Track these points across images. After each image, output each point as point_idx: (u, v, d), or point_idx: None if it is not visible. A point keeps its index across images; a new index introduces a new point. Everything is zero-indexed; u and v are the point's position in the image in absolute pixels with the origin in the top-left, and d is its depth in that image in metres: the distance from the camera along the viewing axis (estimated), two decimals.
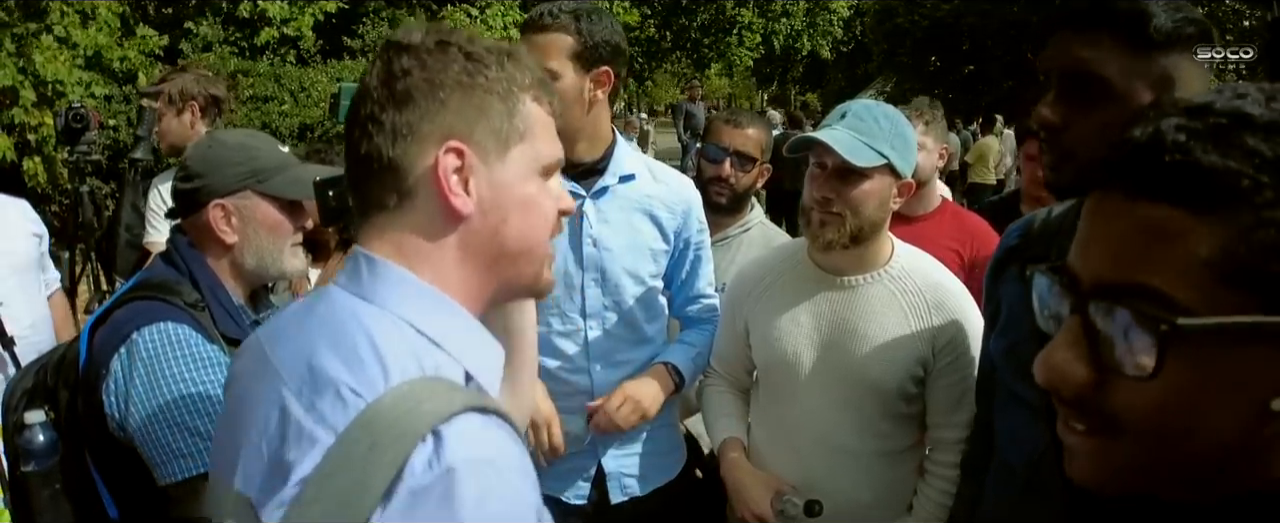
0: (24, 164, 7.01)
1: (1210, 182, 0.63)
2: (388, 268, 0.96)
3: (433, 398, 0.85)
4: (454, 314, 0.98)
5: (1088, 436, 0.71)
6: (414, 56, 0.96)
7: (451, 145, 0.95)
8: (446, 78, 0.96)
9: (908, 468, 1.97)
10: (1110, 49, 1.29)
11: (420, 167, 0.95)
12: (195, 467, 1.48)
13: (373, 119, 0.96)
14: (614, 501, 2.11)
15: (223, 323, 1.66)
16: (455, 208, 0.96)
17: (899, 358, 1.86)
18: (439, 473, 0.81)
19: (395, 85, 0.96)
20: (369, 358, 0.89)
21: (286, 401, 0.89)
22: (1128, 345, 0.66)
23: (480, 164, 0.97)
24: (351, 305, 0.95)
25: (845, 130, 1.79)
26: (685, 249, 2.15)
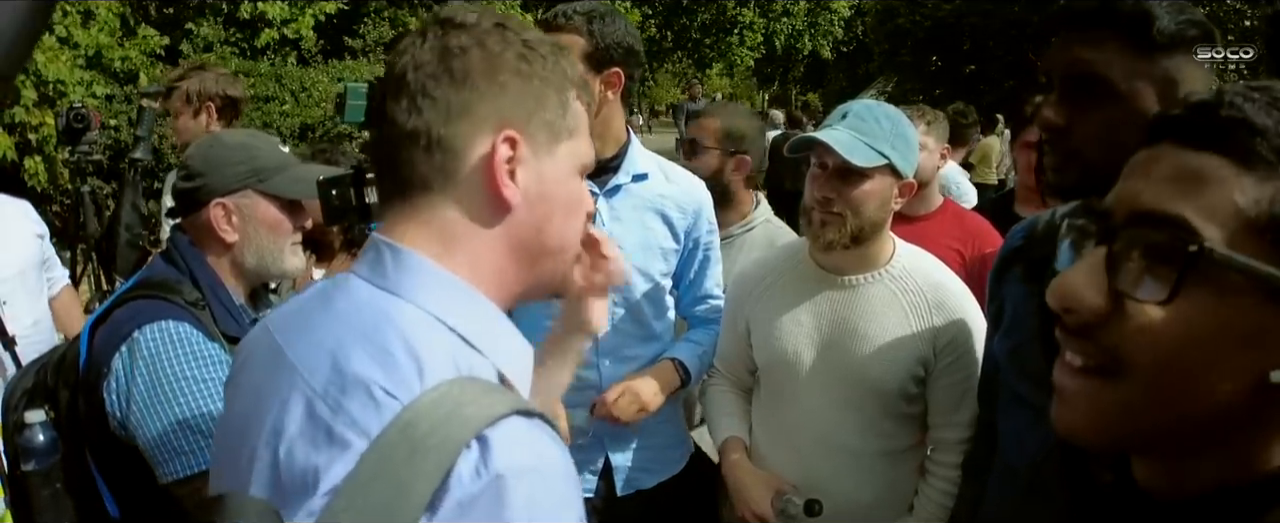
0: (25, 164, 7.01)
1: (1260, 138, 0.66)
2: (414, 258, 0.91)
3: (474, 401, 0.81)
4: (486, 310, 0.93)
5: (1085, 375, 0.72)
6: (471, 35, 0.92)
7: (508, 134, 0.91)
8: (504, 62, 0.92)
9: (909, 468, 1.97)
10: (1113, 50, 1.29)
11: (472, 150, 0.91)
12: (197, 464, 1.49)
13: (424, 92, 0.90)
14: (621, 494, 2.12)
15: (223, 322, 1.66)
16: (505, 198, 0.91)
17: (900, 358, 1.86)
18: (488, 481, 0.77)
19: (452, 61, 0.91)
20: (402, 356, 0.83)
21: (311, 401, 0.83)
22: (1149, 272, 0.67)
23: (531, 156, 0.93)
24: (377, 299, 0.89)
25: (846, 130, 1.79)
26: (695, 249, 2.17)
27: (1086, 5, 1.33)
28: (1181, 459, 0.72)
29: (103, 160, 3.95)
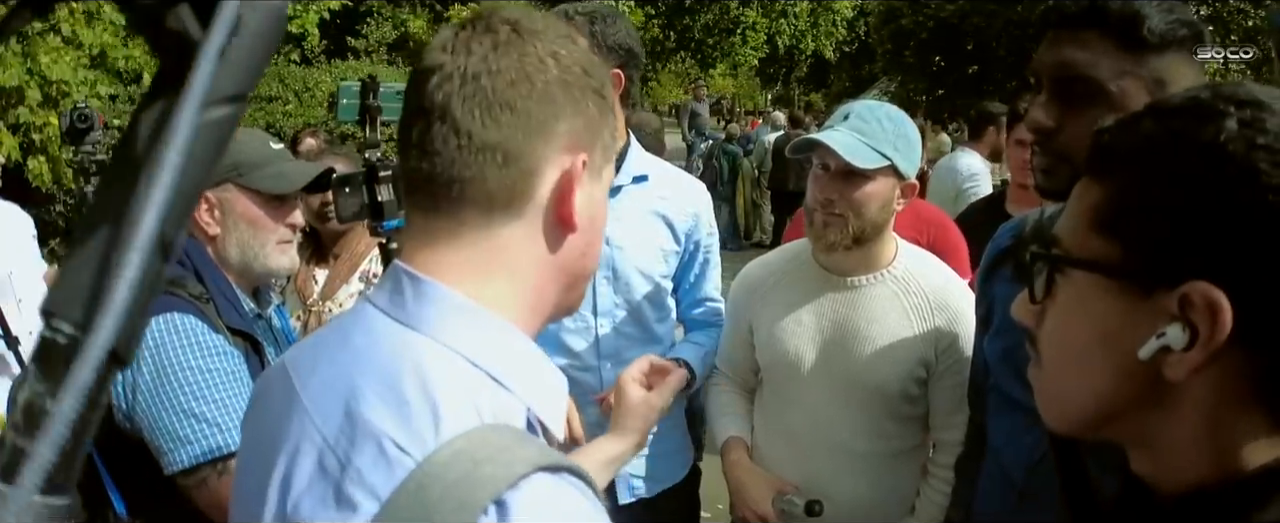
0: (28, 164, 7.02)
1: (1105, 153, 0.76)
2: (435, 289, 0.82)
3: (493, 458, 0.72)
4: (516, 342, 0.85)
5: (1033, 368, 0.83)
6: (546, 44, 0.85)
7: (582, 156, 0.85)
8: (577, 78, 0.86)
9: (910, 469, 1.97)
10: (1102, 51, 1.29)
11: (548, 171, 0.84)
12: (202, 453, 1.49)
13: (505, 103, 0.81)
14: (622, 501, 2.11)
15: (227, 315, 1.67)
16: (573, 222, 0.85)
17: (902, 359, 1.86)
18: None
19: (534, 73, 0.83)
20: (417, 404, 0.75)
21: (321, 452, 0.76)
22: (1038, 281, 0.79)
23: (589, 179, 0.87)
24: (395, 335, 0.81)
25: (848, 132, 1.80)
26: (695, 251, 2.17)
27: (1075, 5, 1.33)
28: (1138, 445, 0.77)
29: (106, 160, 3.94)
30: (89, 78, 7.36)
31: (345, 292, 2.61)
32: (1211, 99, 0.72)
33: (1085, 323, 0.75)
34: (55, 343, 0.44)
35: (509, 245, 0.84)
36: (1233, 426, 0.70)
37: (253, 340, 1.68)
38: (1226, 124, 0.69)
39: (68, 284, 0.44)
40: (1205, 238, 0.68)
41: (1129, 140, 0.74)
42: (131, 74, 7.95)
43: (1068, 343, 0.77)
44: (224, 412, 1.51)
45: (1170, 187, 0.70)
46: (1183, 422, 0.71)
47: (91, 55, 7.54)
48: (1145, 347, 0.70)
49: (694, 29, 27.02)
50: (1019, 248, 1.56)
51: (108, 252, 0.44)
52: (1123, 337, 0.71)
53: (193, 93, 0.43)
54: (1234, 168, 0.67)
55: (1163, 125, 0.73)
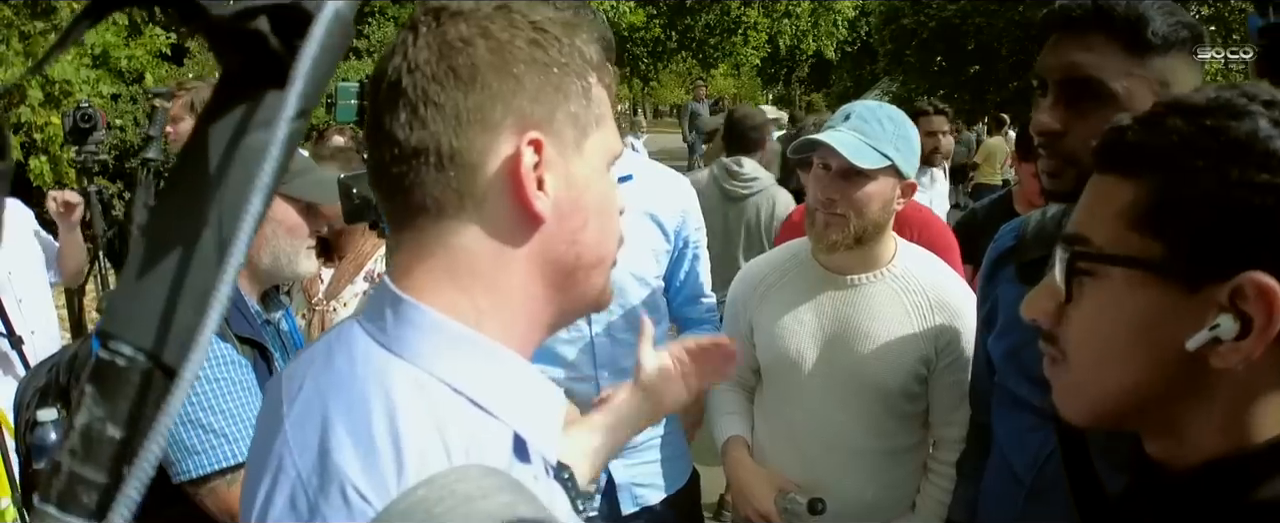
0: (30, 163, 7.03)
1: (1134, 152, 0.78)
2: (416, 310, 0.77)
3: (453, 511, 0.66)
4: (503, 364, 0.79)
5: (1053, 365, 0.84)
6: (472, 24, 0.77)
7: (532, 136, 0.76)
8: (517, 51, 0.77)
9: (911, 467, 1.98)
10: (1107, 53, 1.30)
11: (491, 161, 0.76)
12: (210, 463, 1.49)
13: (427, 100, 0.75)
14: (625, 511, 2.08)
15: (235, 323, 1.67)
16: (536, 211, 0.77)
17: (902, 357, 1.87)
18: None
19: (455, 58, 0.76)
20: (383, 443, 0.70)
21: (294, 488, 0.71)
22: (1066, 281, 0.81)
23: (558, 158, 0.79)
24: (373, 361, 0.75)
25: (849, 132, 1.80)
26: (684, 248, 2.14)
27: (1079, 8, 1.34)
28: (1162, 433, 0.80)
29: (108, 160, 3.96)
30: (91, 77, 7.37)
31: (350, 291, 2.62)
32: (1238, 97, 0.74)
33: (1121, 319, 0.77)
34: (113, 365, 0.42)
35: (473, 251, 0.78)
36: (1257, 407, 0.74)
37: (261, 348, 1.67)
38: (1260, 121, 0.72)
39: (129, 305, 0.42)
40: (1252, 231, 0.71)
41: (1159, 139, 0.76)
42: (133, 73, 7.97)
43: (1101, 338, 0.78)
44: (232, 422, 1.50)
45: (1212, 183, 0.72)
46: (1213, 407, 0.75)
47: (93, 55, 7.55)
48: (1194, 339, 0.72)
49: (695, 29, 27.03)
50: (1022, 249, 1.56)
51: (182, 275, 0.42)
52: (1165, 330, 0.74)
53: (286, 110, 0.42)
54: (1275, 161, 0.70)
55: (1194, 123, 0.75)
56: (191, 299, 0.42)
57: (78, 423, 0.41)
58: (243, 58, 0.45)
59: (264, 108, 0.45)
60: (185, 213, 0.44)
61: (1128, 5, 1.30)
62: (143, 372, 0.42)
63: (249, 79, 0.45)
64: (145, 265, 0.43)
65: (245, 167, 0.43)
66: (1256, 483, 0.73)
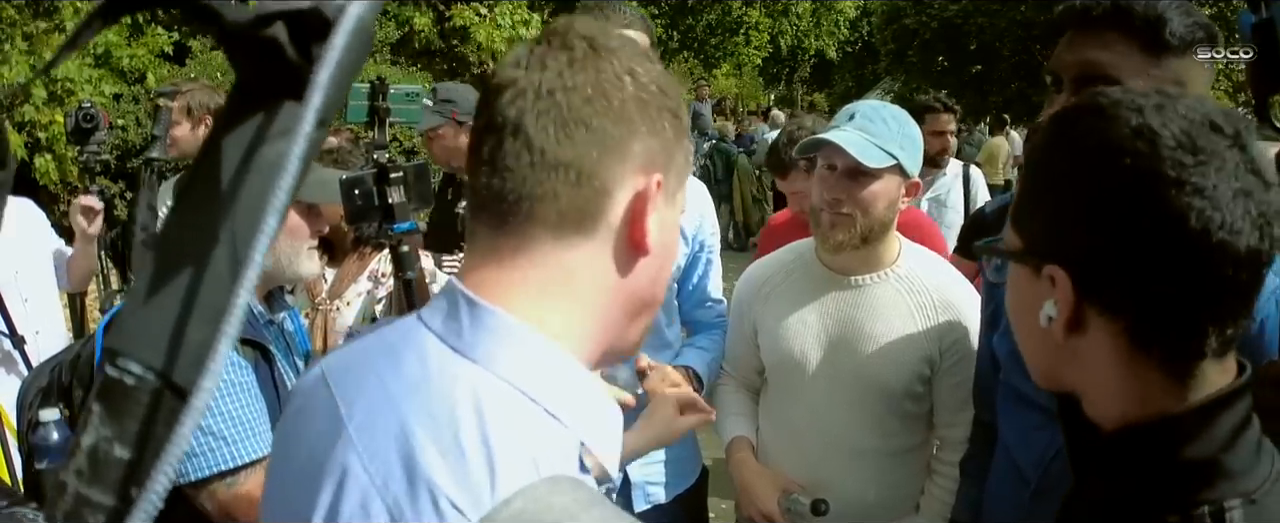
0: (35, 162, 7.04)
1: (1026, 153, 0.94)
2: (494, 317, 0.78)
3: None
4: (574, 375, 0.81)
5: None
6: (623, 61, 0.81)
7: (659, 177, 0.81)
8: (655, 98, 0.82)
9: (915, 467, 1.97)
10: (1124, 52, 1.30)
11: (622, 192, 0.80)
12: (211, 466, 1.49)
13: (581, 120, 0.78)
14: (637, 509, 2.10)
15: None
16: (646, 245, 0.82)
17: (906, 357, 1.86)
18: None
19: (611, 90, 0.80)
20: (474, 453, 0.70)
21: (367, 493, 0.71)
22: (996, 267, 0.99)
23: (663, 202, 0.83)
24: (450, 366, 0.76)
25: (855, 131, 1.80)
26: (699, 252, 2.16)
27: (1098, 6, 1.34)
28: (1084, 396, 0.90)
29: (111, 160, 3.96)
30: (93, 76, 7.38)
31: (353, 291, 2.61)
32: (1072, 112, 0.86)
33: (1016, 300, 0.92)
34: (122, 384, 0.40)
35: (577, 268, 0.81)
36: (1136, 376, 0.83)
37: (263, 349, 1.67)
38: (1113, 124, 0.80)
39: (138, 322, 0.41)
40: (1059, 230, 0.84)
41: (1036, 139, 0.89)
42: (135, 73, 7.97)
43: (1013, 317, 0.94)
44: (232, 425, 1.50)
45: (1042, 187, 0.87)
46: (1096, 373, 0.85)
47: (95, 55, 7.55)
48: (1041, 315, 0.85)
49: (697, 29, 27.01)
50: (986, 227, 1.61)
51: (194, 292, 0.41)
52: (1034, 309, 0.86)
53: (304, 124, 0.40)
54: (1093, 161, 0.81)
55: (1044, 134, 0.88)
56: (203, 317, 0.40)
57: (84, 443, 0.40)
58: (259, 66, 0.43)
59: (281, 118, 0.44)
60: (198, 227, 0.42)
61: (1146, 5, 1.30)
62: (152, 391, 0.40)
63: (266, 89, 0.43)
64: (156, 281, 0.42)
65: (261, 180, 0.42)
66: (1175, 446, 0.82)
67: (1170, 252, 0.77)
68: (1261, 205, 0.77)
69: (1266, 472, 0.82)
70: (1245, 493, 0.80)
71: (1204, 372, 0.82)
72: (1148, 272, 0.78)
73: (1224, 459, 0.81)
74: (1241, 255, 0.76)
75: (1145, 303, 0.80)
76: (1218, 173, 0.76)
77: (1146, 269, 0.78)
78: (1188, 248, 0.76)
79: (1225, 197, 0.75)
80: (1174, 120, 0.78)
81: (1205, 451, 0.81)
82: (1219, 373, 0.83)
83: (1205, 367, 0.82)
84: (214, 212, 0.42)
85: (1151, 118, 0.78)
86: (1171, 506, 0.82)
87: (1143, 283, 0.79)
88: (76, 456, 0.40)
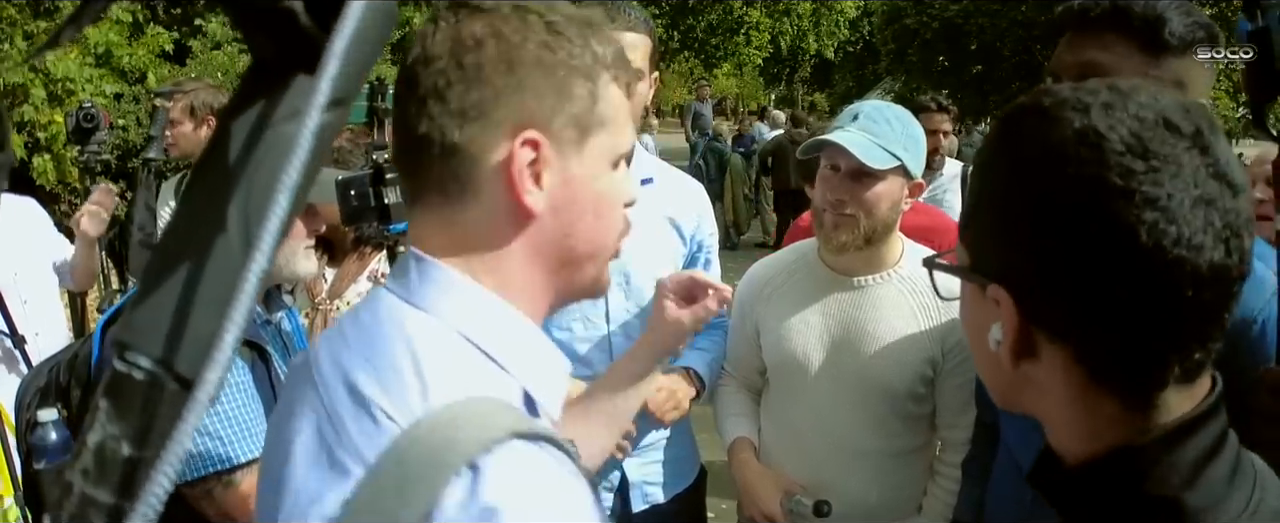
0: (33, 162, 7.03)
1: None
2: (438, 270, 0.84)
3: (472, 424, 0.73)
4: (514, 324, 0.85)
5: None
6: (487, 23, 0.82)
7: (528, 136, 0.81)
8: (525, 53, 0.82)
9: (917, 468, 1.97)
10: (1124, 53, 1.30)
11: (490, 156, 0.82)
12: (208, 466, 1.48)
13: (436, 94, 0.81)
14: (636, 509, 2.10)
15: None
16: (527, 206, 0.83)
17: (909, 358, 1.86)
18: (476, 514, 0.69)
19: (464, 56, 0.81)
20: (407, 374, 0.77)
21: (320, 422, 0.79)
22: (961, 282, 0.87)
23: (556, 156, 0.83)
24: (398, 312, 0.83)
25: (859, 132, 1.79)
26: (698, 251, 2.16)
27: (1097, 7, 1.33)
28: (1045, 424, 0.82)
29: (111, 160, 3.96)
30: (94, 76, 7.37)
31: (353, 291, 2.61)
32: (1016, 113, 0.78)
33: (967, 317, 0.84)
34: (130, 378, 0.39)
35: (475, 234, 0.84)
36: (1091, 406, 0.74)
37: (260, 349, 1.66)
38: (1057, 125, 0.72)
39: (148, 315, 0.40)
40: (1000, 247, 0.76)
41: (978, 149, 0.83)
42: (136, 73, 7.96)
43: (966, 335, 0.86)
44: (228, 424, 1.49)
45: (984, 198, 0.79)
46: (1050, 402, 0.78)
47: (96, 54, 7.55)
48: (990, 339, 0.78)
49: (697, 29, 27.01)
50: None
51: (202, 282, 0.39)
52: (984, 330, 0.79)
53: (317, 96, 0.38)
54: (1015, 183, 0.75)
55: (987, 137, 0.82)
56: (216, 308, 0.39)
57: (91, 442, 0.39)
58: (273, 42, 0.42)
59: (293, 96, 0.42)
60: (208, 215, 0.41)
61: (1146, 5, 1.30)
62: (161, 387, 0.39)
63: (280, 66, 0.42)
64: (164, 272, 0.41)
65: (272, 162, 0.40)
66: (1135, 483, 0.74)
67: (1119, 270, 0.68)
68: (1227, 215, 0.68)
69: (1241, 505, 0.73)
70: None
71: (1166, 401, 0.73)
72: (1096, 295, 0.69)
73: (1186, 498, 0.71)
74: (1203, 273, 0.67)
75: (1095, 329, 0.71)
76: (1173, 180, 0.67)
77: (1095, 292, 0.69)
78: (1139, 266, 0.67)
79: (1182, 207, 0.67)
80: (1123, 121, 0.69)
81: (1165, 488, 0.72)
82: (1184, 397, 0.74)
83: (1167, 396, 0.73)
84: (224, 198, 0.40)
85: (1098, 119, 0.70)
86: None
87: (1091, 307, 0.70)
88: (82, 455, 0.39)
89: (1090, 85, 0.74)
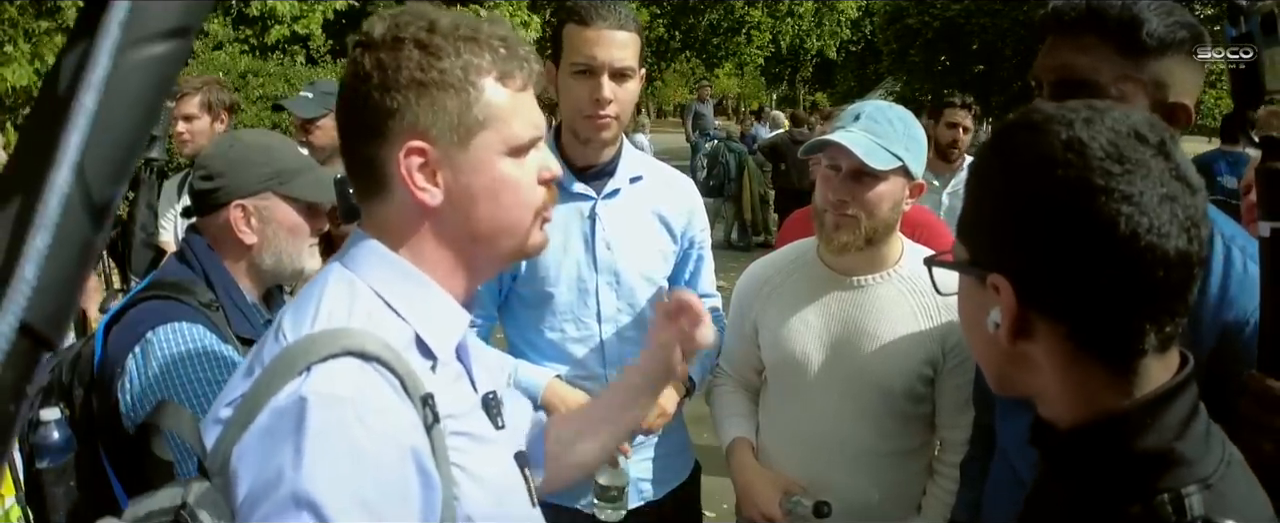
0: None
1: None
2: (367, 242, 1.07)
3: (321, 341, 0.97)
4: (418, 284, 1.06)
5: None
6: (373, 56, 1.02)
7: (412, 145, 1.01)
8: (401, 78, 1.01)
9: (917, 468, 1.97)
10: (1102, 55, 1.30)
11: (391, 164, 1.02)
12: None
13: (350, 116, 1.04)
14: (632, 505, 2.08)
15: (237, 324, 1.66)
16: (422, 201, 1.03)
17: (908, 358, 1.86)
18: (294, 401, 0.93)
19: (360, 88, 1.02)
20: (310, 310, 1.02)
21: (254, 348, 1.05)
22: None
23: (444, 157, 1.03)
24: (329, 270, 1.08)
25: (860, 132, 1.79)
26: (690, 249, 2.16)
27: (1074, 10, 1.33)
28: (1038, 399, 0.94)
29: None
30: None
31: None
32: (1009, 128, 0.90)
33: (966, 309, 0.96)
34: None
35: (393, 224, 1.07)
36: (1082, 376, 0.87)
37: None
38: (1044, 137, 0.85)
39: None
40: (1000, 240, 0.89)
41: (974, 161, 0.95)
42: None
43: (964, 326, 0.98)
44: None
45: (983, 199, 0.92)
46: (1045, 375, 0.90)
47: None
48: (988, 322, 0.90)
49: (699, 29, 27.01)
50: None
51: (21, 213, 0.39)
52: (982, 318, 0.91)
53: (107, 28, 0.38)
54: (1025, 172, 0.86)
55: (982, 149, 0.93)
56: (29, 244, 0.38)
57: None
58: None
59: (131, 26, 0.40)
60: (33, 151, 0.40)
61: (1122, 7, 1.29)
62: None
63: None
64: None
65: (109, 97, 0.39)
66: (1128, 439, 0.86)
67: (1103, 256, 0.81)
68: (1188, 210, 0.81)
69: (1219, 457, 0.87)
70: (1202, 479, 0.84)
71: (1147, 367, 0.86)
72: (1083, 276, 0.82)
73: (1177, 448, 0.85)
74: (1171, 257, 0.80)
75: (1083, 305, 0.84)
76: (1144, 180, 0.80)
77: (1082, 273, 0.82)
78: (1119, 252, 0.80)
79: (1152, 202, 0.80)
80: (1102, 132, 0.82)
81: (1158, 441, 0.85)
82: (1161, 368, 0.87)
83: (1147, 363, 0.86)
84: (48, 134, 0.40)
85: (1081, 131, 0.83)
86: (1132, 496, 0.85)
87: (1080, 286, 0.83)
88: None
89: (1072, 105, 0.87)
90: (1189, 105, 1.33)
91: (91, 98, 0.38)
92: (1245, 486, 0.88)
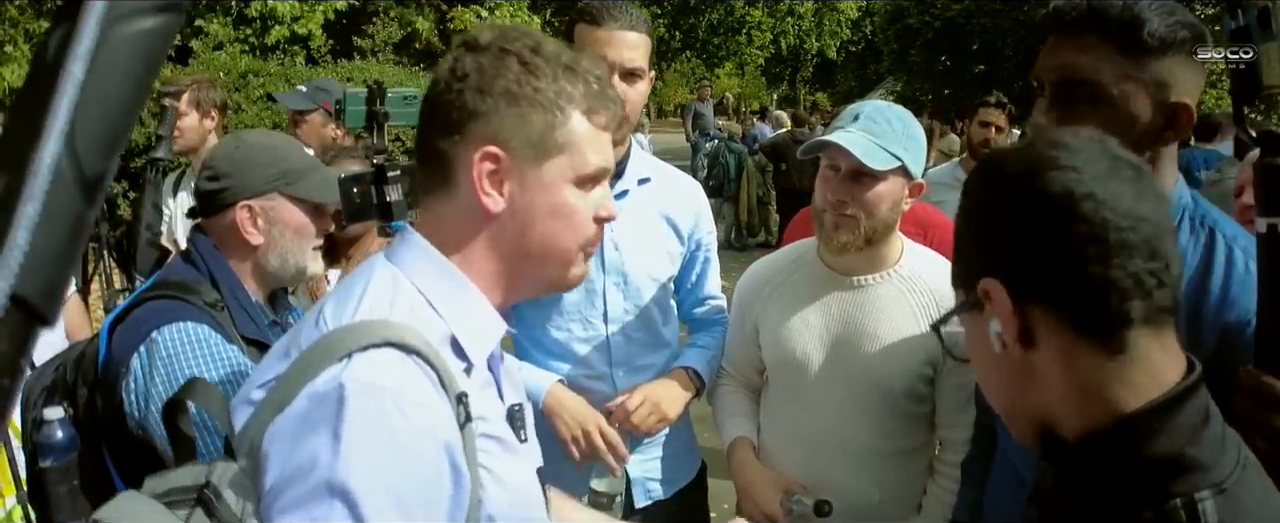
0: None
1: None
2: (415, 239, 1.10)
3: (363, 331, 0.99)
4: (459, 286, 1.09)
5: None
6: (476, 59, 1.06)
7: (488, 150, 1.05)
8: (497, 85, 1.05)
9: (917, 468, 1.97)
10: (1103, 55, 1.30)
11: (463, 163, 1.06)
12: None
13: (436, 110, 1.07)
14: (638, 504, 2.10)
15: (242, 324, 1.66)
16: (485, 206, 1.06)
17: (909, 358, 1.86)
18: (332, 387, 0.94)
19: (454, 85, 1.06)
20: (353, 300, 1.04)
21: (291, 332, 1.08)
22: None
23: (515, 169, 1.06)
24: (374, 262, 1.10)
25: (860, 132, 1.79)
26: (696, 250, 2.16)
27: (1074, 10, 1.33)
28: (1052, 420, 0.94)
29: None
30: None
31: None
32: (996, 154, 0.98)
33: (971, 338, 0.99)
34: None
35: (451, 222, 1.09)
36: (1085, 369, 0.89)
37: (267, 348, 1.67)
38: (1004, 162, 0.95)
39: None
40: (990, 246, 0.94)
41: (966, 185, 1.01)
42: None
43: (973, 359, 1.01)
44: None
45: (974, 213, 0.98)
46: (1053, 386, 0.91)
47: None
48: (991, 336, 0.93)
49: (699, 29, 27.00)
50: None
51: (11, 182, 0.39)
52: (987, 339, 0.94)
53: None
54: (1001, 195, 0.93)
55: (974, 172, 0.99)
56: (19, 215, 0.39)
57: None
58: None
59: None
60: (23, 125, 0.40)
61: (1123, 7, 1.29)
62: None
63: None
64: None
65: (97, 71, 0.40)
66: (1138, 444, 0.87)
67: (1086, 244, 0.86)
68: (1134, 183, 0.89)
69: (1234, 461, 0.87)
70: (1215, 483, 0.84)
71: (1142, 345, 0.88)
72: (1069, 262, 0.87)
73: (1189, 452, 0.86)
74: (1140, 242, 0.87)
75: (1072, 285, 0.88)
76: (1117, 184, 0.88)
77: (1067, 260, 0.87)
78: (1098, 239, 0.86)
79: (1123, 201, 0.87)
80: (1079, 149, 0.91)
81: (1170, 446, 0.86)
82: (1163, 354, 0.89)
83: (1141, 339, 0.88)
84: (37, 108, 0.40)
85: (1061, 148, 0.91)
86: (1143, 501, 0.86)
87: (1066, 271, 0.88)
88: None
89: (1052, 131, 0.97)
90: (1191, 105, 1.33)
91: (79, 67, 0.39)
92: (1260, 489, 0.88)
